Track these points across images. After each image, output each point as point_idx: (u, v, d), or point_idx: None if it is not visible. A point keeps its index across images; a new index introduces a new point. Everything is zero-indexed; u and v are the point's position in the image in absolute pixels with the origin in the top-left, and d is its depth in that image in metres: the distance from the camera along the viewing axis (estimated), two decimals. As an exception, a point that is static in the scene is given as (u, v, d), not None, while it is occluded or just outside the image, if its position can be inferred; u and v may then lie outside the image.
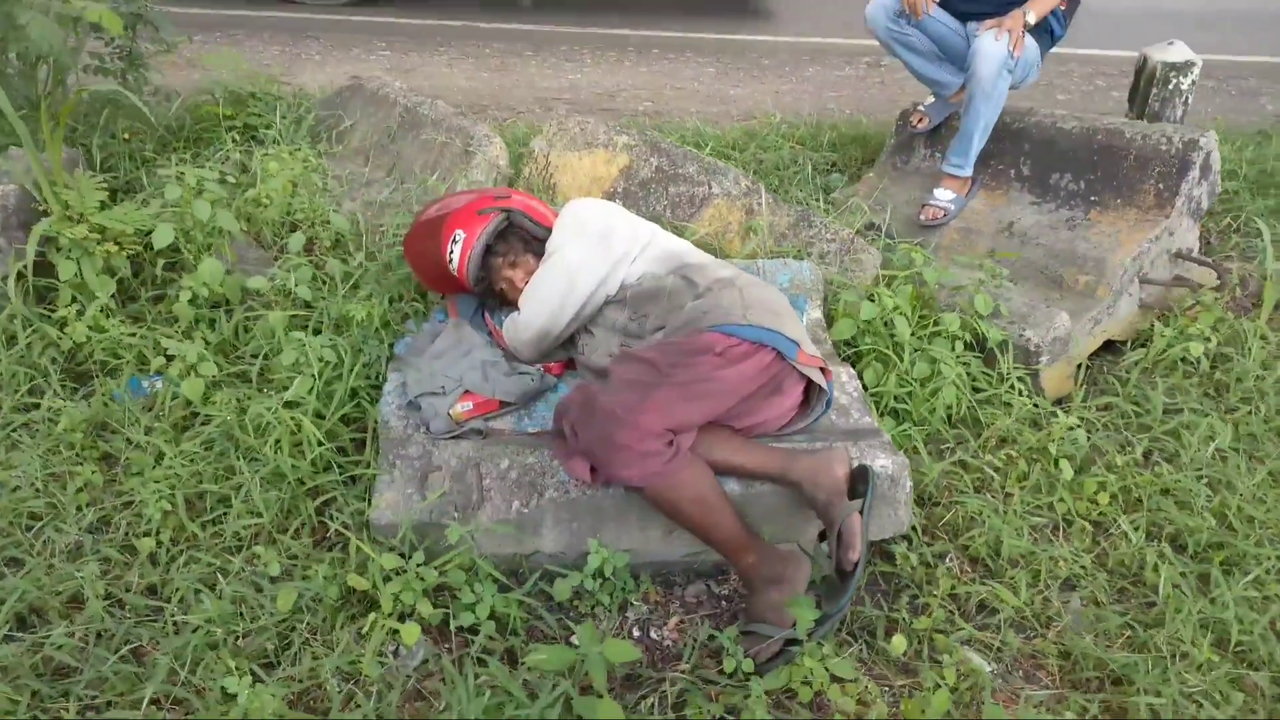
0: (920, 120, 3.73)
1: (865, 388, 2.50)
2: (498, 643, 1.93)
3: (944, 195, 3.42)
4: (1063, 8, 3.33)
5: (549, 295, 2.23)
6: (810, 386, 2.10)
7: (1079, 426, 2.45)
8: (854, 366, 2.59)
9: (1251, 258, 3.33)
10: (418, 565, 1.91)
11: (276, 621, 1.90)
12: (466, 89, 5.61)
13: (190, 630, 1.85)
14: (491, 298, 2.44)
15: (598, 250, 2.23)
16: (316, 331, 2.57)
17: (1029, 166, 3.39)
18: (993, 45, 3.13)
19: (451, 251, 2.33)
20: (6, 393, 2.47)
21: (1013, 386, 2.65)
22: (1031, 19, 3.18)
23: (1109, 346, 3.02)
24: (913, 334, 2.63)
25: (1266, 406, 2.63)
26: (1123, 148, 3.15)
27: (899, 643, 1.91)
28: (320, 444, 2.24)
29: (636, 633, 2.06)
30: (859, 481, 1.94)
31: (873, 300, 2.70)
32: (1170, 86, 3.93)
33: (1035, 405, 2.63)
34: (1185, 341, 2.78)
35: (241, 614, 1.92)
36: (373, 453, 2.32)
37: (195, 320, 2.64)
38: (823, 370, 2.08)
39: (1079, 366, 2.88)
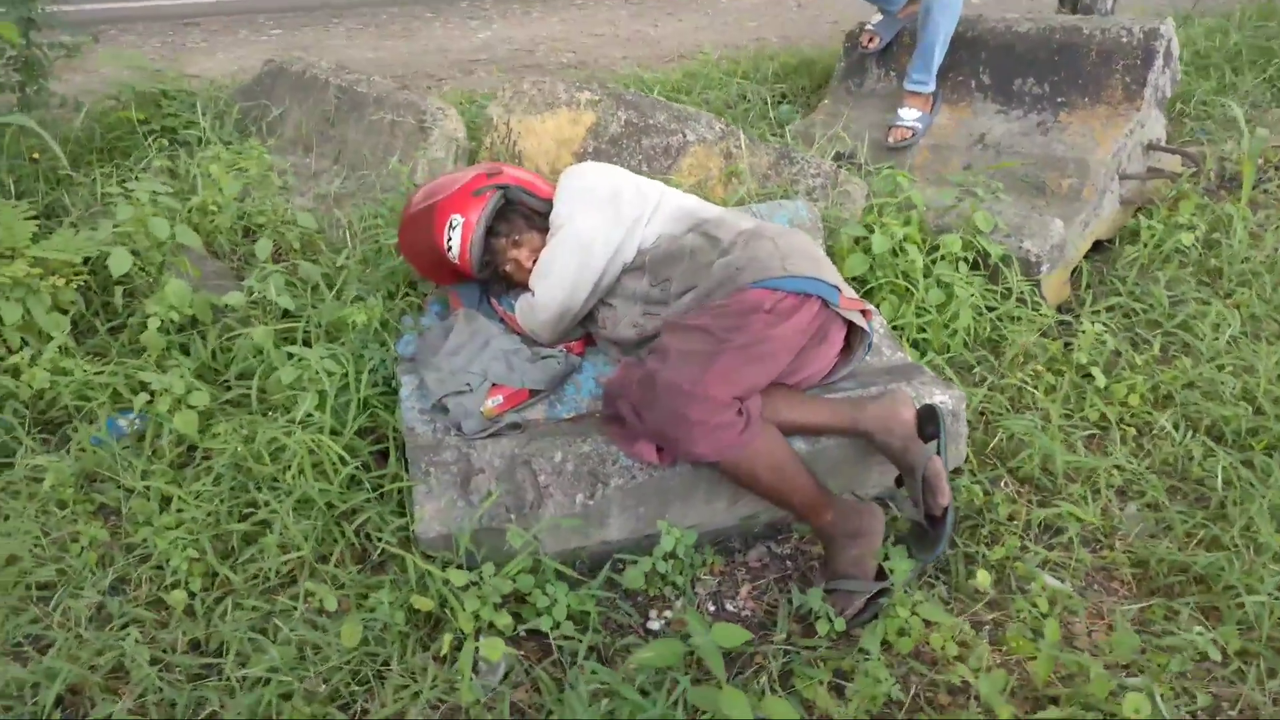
0: (871, 40, 3.65)
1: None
2: (574, 642, 1.83)
3: (910, 114, 3.37)
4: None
5: (563, 270, 2.10)
6: (851, 330, 2.03)
7: (1105, 332, 2.45)
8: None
9: (1206, 141, 3.39)
10: (489, 576, 1.79)
11: (345, 659, 1.77)
12: (375, 61, 5.30)
13: (257, 684, 1.71)
14: (497, 282, 2.29)
15: (608, 215, 2.11)
16: (306, 343, 2.38)
17: (989, 75, 3.36)
18: (945, -46, 3.07)
19: (450, 239, 2.16)
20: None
21: (1022, 300, 2.64)
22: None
23: (1096, 246, 3.04)
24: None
25: (1262, 286, 2.69)
26: (1083, 44, 3.14)
27: (984, 577, 1.89)
28: (345, 462, 2.08)
29: (712, 607, 2.00)
30: (926, 422, 1.89)
31: (872, 231, 2.64)
32: (1100, -22, 3.95)
33: (1044, 316, 2.63)
34: (1174, 233, 2.81)
35: (305, 657, 1.78)
36: (399, 463, 2.18)
37: (167, 347, 2.42)
38: (863, 312, 2.02)
39: (1073, 270, 2.90)
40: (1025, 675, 1.73)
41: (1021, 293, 2.64)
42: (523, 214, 2.20)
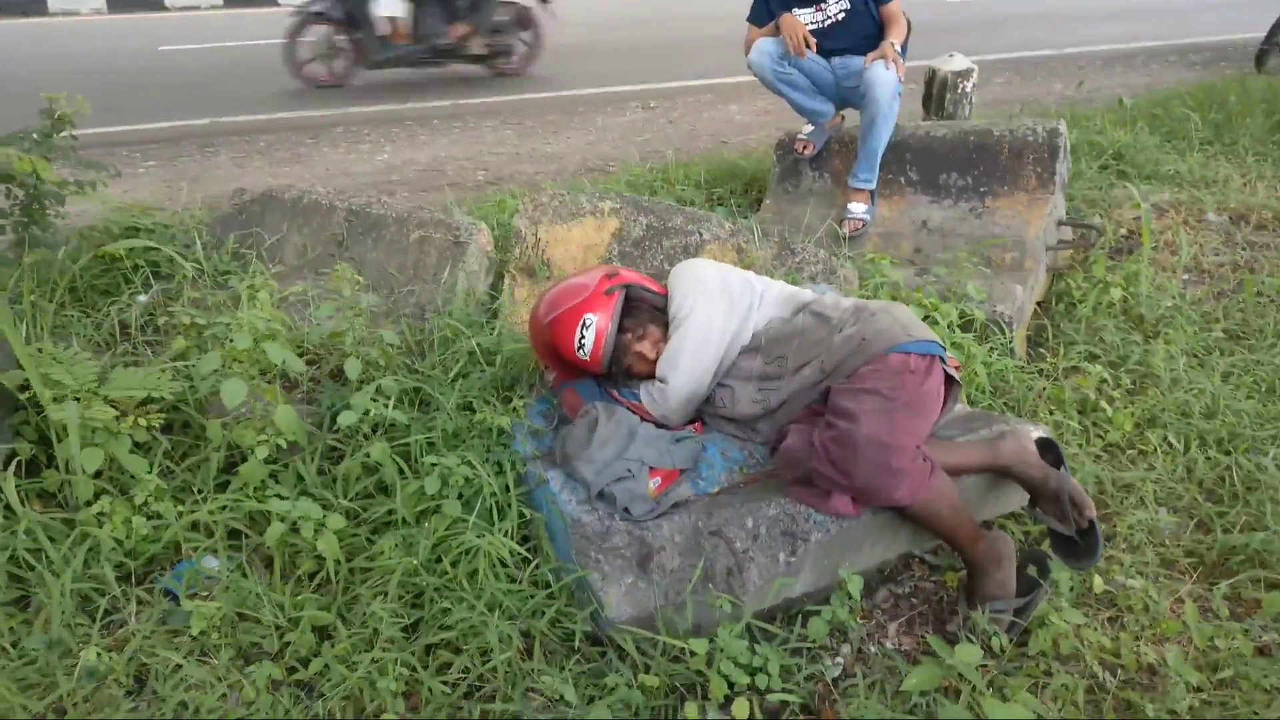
0: (805, 148, 4.15)
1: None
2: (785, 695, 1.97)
3: (858, 208, 3.86)
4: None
5: (692, 359, 2.30)
6: (948, 383, 2.36)
7: (1103, 371, 2.93)
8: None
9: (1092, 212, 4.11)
10: (728, 641, 1.91)
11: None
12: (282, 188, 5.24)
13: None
14: (619, 375, 2.43)
15: (723, 305, 2.34)
16: (409, 458, 2.40)
17: (916, 172, 3.93)
18: (884, 73, 3.61)
19: (583, 338, 2.30)
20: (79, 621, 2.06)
21: (1012, 353, 3.10)
22: (898, 46, 3.71)
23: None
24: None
25: (1178, 325, 3.31)
26: (994, 144, 3.77)
27: (1099, 583, 2.23)
28: (524, 562, 2.13)
29: (873, 648, 2.20)
30: (1045, 451, 2.23)
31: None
32: (959, 90, 4.71)
33: (1034, 367, 3.11)
34: (1106, 289, 3.41)
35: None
36: (548, 557, 2.22)
37: (267, 478, 2.36)
38: (956, 367, 2.35)
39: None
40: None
41: (1005, 347, 3.11)
42: (646, 310, 2.38)
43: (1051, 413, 2.87)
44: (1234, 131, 5.08)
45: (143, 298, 3.12)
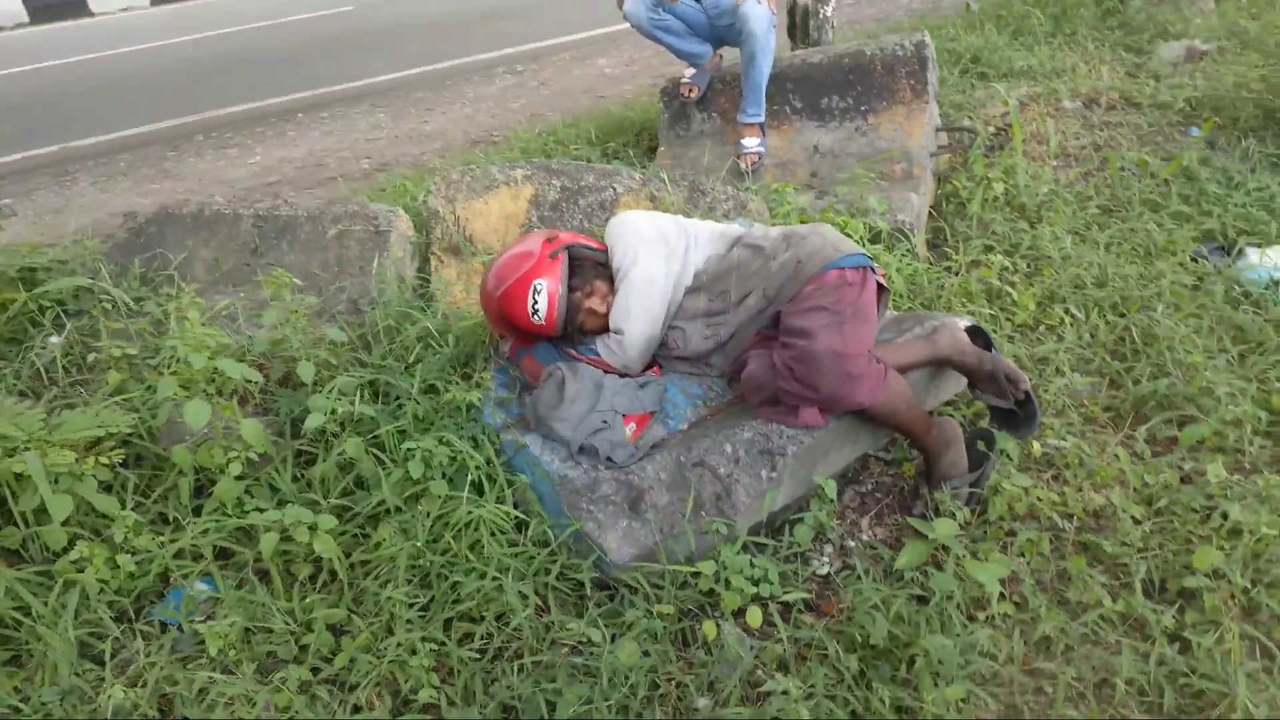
0: (691, 91, 4.25)
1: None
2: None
3: (751, 142, 4.00)
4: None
5: (642, 305, 2.39)
6: (879, 291, 2.53)
7: (1002, 259, 3.18)
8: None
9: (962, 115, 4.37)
10: (731, 561, 2.05)
11: (634, 679, 1.93)
12: (152, 206, 5.03)
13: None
14: (574, 334, 2.50)
15: (662, 250, 2.44)
16: (382, 446, 2.42)
17: (799, 99, 4.09)
18: (757, 8, 3.74)
19: (536, 304, 2.36)
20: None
21: (917, 256, 3.32)
22: (769, -19, 3.84)
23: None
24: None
25: (1058, 211, 3.59)
26: (868, 63, 3.96)
27: (1037, 448, 2.46)
28: (518, 528, 2.21)
29: (851, 542, 2.38)
30: (974, 337, 2.43)
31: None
32: (820, 16, 4.90)
33: (928, 268, 3.34)
34: (989, 186, 3.66)
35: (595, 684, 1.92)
36: (541, 519, 2.30)
37: (244, 494, 2.35)
38: (883, 276, 2.53)
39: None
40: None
41: (908, 251, 3.32)
42: (590, 266, 2.46)
43: (964, 304, 3.10)
44: (1071, 23, 5.43)
45: (55, 339, 3.00)
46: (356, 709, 1.97)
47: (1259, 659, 1.86)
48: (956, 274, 3.29)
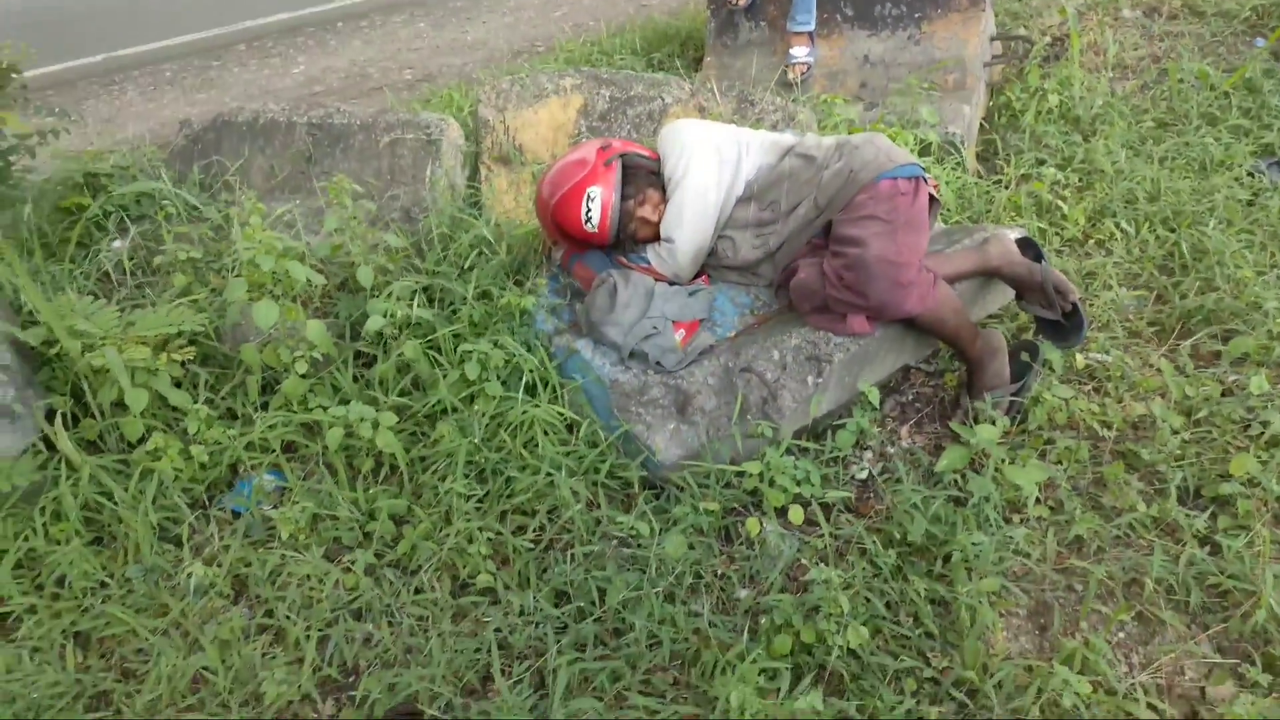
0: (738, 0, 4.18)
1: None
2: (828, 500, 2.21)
3: (800, 52, 3.94)
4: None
5: (695, 216, 2.42)
6: (931, 201, 2.53)
7: (1054, 173, 3.15)
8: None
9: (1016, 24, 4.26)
10: (776, 462, 2.13)
11: (680, 570, 2.03)
12: (206, 113, 5.08)
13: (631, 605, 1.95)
14: (626, 242, 2.54)
15: (714, 160, 2.45)
16: (438, 348, 2.51)
17: (850, 7, 4.00)
18: (810, -91, 3.64)
19: (589, 212, 2.41)
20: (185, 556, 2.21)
21: (966, 169, 3.30)
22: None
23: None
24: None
25: (1112, 122, 3.52)
26: (925, -33, 3.86)
27: (1080, 360, 2.49)
28: (568, 429, 2.30)
29: (890, 448, 2.45)
30: (1024, 249, 2.45)
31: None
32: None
33: (978, 181, 3.31)
34: (1044, 98, 3.59)
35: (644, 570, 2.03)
36: (591, 421, 2.39)
37: (308, 392, 2.46)
38: (935, 186, 2.53)
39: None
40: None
41: (958, 164, 3.30)
42: (643, 175, 2.49)
43: (1014, 218, 3.09)
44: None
45: (118, 243, 3.10)
46: (418, 591, 2.10)
47: (1288, 563, 1.92)
48: (1007, 187, 3.26)
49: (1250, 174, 3.16)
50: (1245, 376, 2.33)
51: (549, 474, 2.21)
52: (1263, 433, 2.14)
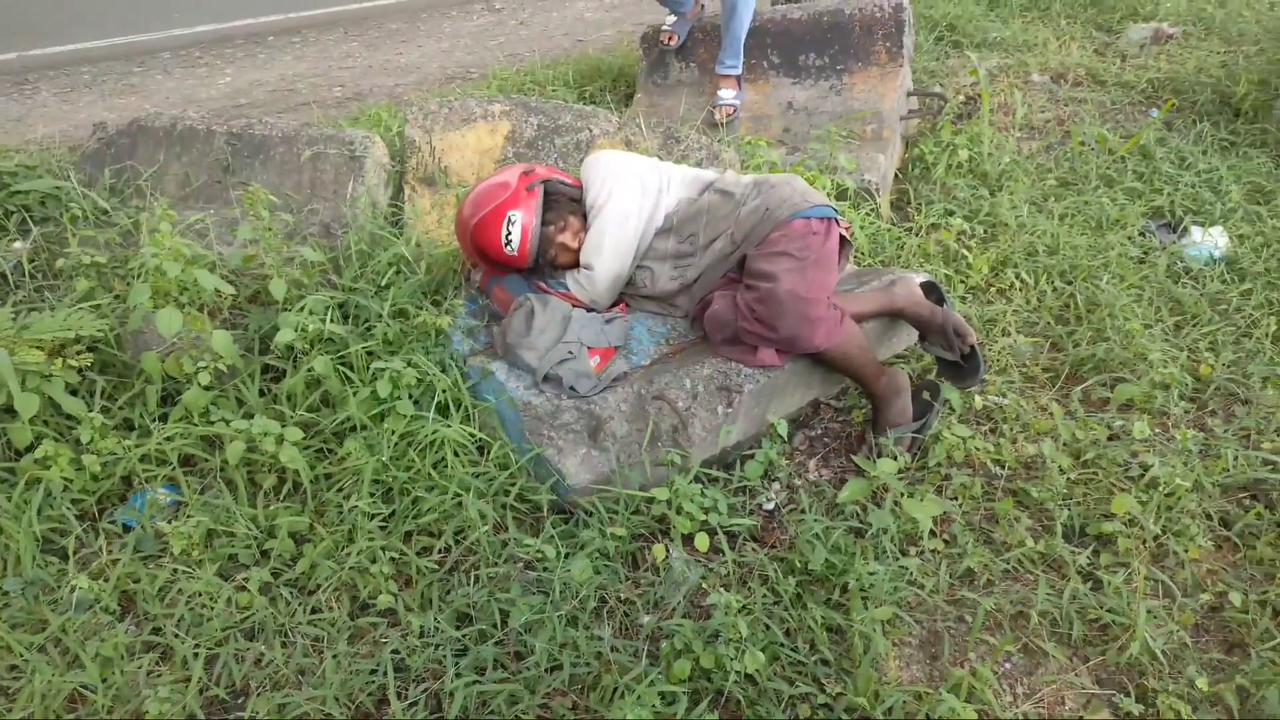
0: (670, 39, 4.28)
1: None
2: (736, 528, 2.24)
3: (728, 94, 4.04)
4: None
5: (614, 242, 2.46)
6: (842, 242, 2.62)
7: (960, 223, 3.29)
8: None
9: (934, 81, 4.46)
10: (684, 489, 2.15)
11: (584, 594, 2.03)
12: (127, 119, 4.94)
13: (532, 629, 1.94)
14: (545, 267, 2.56)
15: (636, 190, 2.50)
16: (349, 364, 2.48)
17: (777, 55, 4.13)
18: (741, -40, 3.77)
19: (509, 235, 2.42)
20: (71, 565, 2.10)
21: (880, 216, 3.42)
22: (749, -67, 3.86)
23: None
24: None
25: (1018, 179, 3.71)
26: (847, 22, 4.01)
27: (979, 402, 2.59)
28: (479, 450, 2.29)
29: (798, 480, 2.50)
30: (928, 292, 2.54)
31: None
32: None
33: (890, 228, 3.44)
34: (954, 152, 3.76)
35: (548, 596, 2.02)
36: (502, 444, 2.38)
37: (210, 404, 2.40)
38: (847, 228, 2.62)
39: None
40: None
41: (872, 210, 3.42)
42: (564, 202, 2.52)
43: (922, 264, 3.21)
44: (1047, -2, 5.53)
45: (19, 243, 2.99)
46: (315, 610, 2.05)
47: (1161, 598, 2.02)
48: (917, 235, 3.39)
49: (1142, 233, 3.35)
50: (1129, 422, 2.46)
51: (457, 495, 2.20)
52: (1143, 475, 2.26)
